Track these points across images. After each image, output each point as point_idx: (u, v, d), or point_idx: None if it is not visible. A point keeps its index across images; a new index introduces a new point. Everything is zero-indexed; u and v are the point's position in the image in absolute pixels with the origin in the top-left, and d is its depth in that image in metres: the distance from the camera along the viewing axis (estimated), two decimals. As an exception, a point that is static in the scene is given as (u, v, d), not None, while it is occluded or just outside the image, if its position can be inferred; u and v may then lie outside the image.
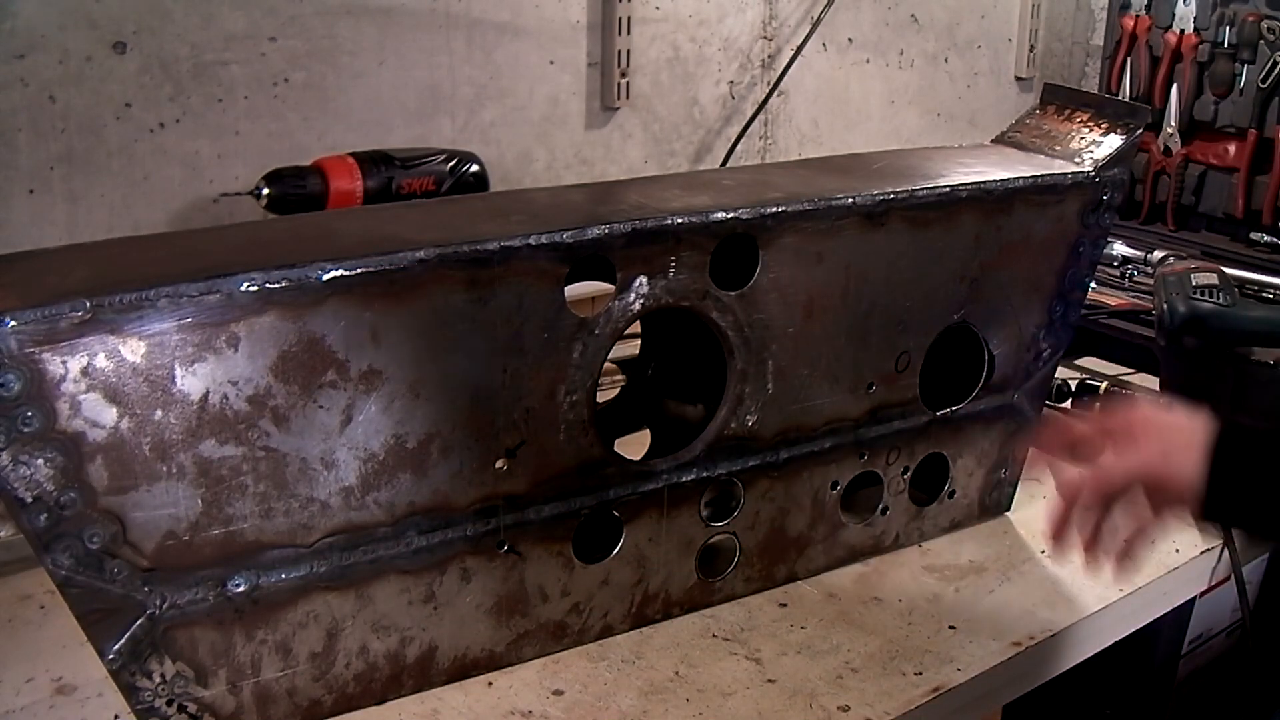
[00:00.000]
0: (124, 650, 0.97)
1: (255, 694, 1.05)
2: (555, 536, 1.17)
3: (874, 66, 2.43)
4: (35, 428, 0.88)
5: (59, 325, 0.87)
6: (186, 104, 1.61)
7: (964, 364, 1.40)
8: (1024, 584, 1.37)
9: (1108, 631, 1.36)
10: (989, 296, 1.36)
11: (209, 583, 1.00)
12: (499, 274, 1.04)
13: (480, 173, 1.73)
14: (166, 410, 0.93)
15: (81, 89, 1.53)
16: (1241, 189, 2.33)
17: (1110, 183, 1.39)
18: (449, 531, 1.10)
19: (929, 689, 1.18)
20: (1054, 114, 1.47)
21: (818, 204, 1.20)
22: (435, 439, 1.06)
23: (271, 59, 1.67)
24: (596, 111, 2.03)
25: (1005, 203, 1.32)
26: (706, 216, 1.13)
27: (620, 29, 1.99)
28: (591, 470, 1.16)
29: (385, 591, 1.09)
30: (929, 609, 1.31)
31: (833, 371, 1.28)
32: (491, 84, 1.89)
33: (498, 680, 1.17)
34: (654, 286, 1.13)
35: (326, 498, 1.02)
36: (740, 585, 1.32)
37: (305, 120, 1.71)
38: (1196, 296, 1.71)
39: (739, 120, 2.21)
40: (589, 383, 1.13)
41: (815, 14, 2.25)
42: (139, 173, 1.60)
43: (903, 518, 1.42)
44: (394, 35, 1.77)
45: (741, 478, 1.27)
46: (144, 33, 1.56)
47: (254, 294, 0.93)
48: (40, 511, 0.90)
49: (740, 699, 1.16)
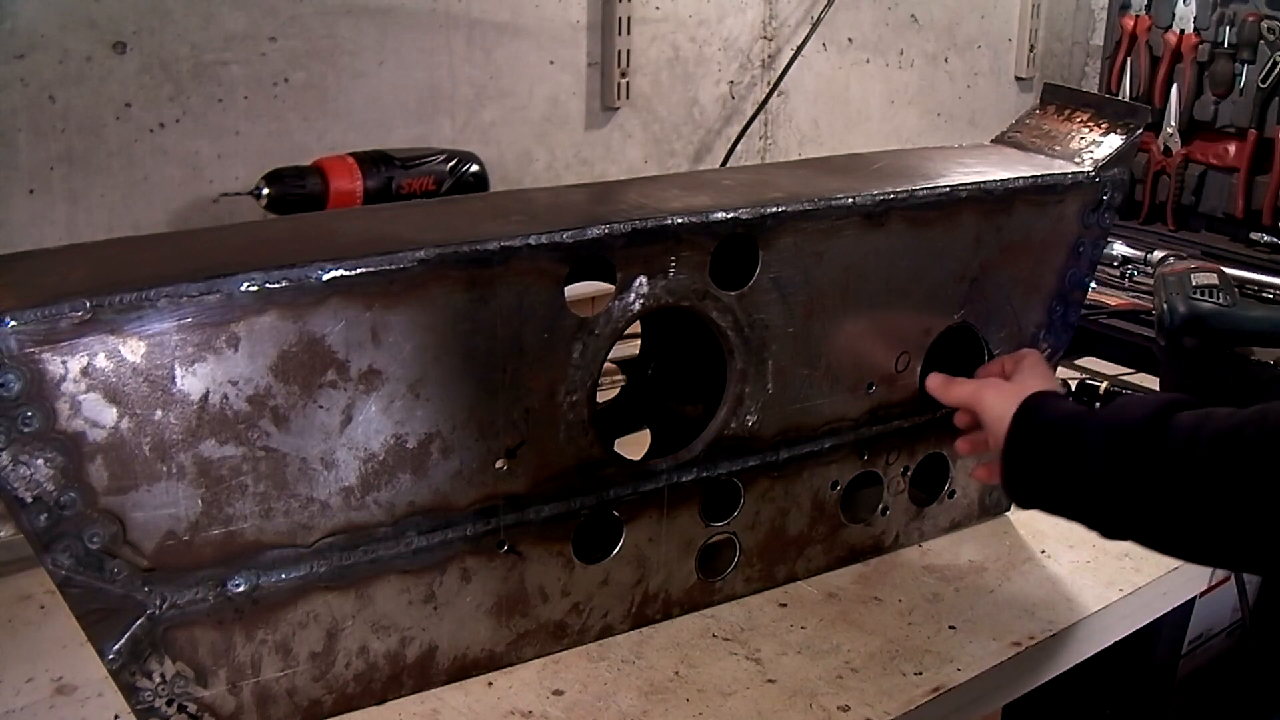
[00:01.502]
0: (124, 650, 0.97)
1: (255, 694, 1.05)
2: (555, 536, 1.17)
3: (874, 66, 2.43)
4: (35, 428, 0.88)
5: (59, 325, 0.87)
6: (186, 104, 1.61)
7: (964, 364, 1.40)
8: (1024, 584, 1.37)
9: (1108, 631, 1.36)
10: (989, 296, 1.36)
11: (209, 583, 1.00)
12: (499, 274, 1.04)
13: (480, 173, 1.73)
14: (166, 410, 0.93)
15: (81, 89, 1.53)
16: (1241, 189, 2.33)
17: (1110, 183, 1.39)
18: (449, 531, 1.10)
19: (929, 689, 1.18)
20: (1054, 114, 1.47)
21: (818, 204, 1.20)
22: (435, 439, 1.06)
23: (271, 59, 1.66)
24: (596, 111, 2.03)
25: (1005, 203, 1.32)
26: (706, 216, 1.13)
27: (620, 29, 1.99)
28: (591, 470, 1.16)
29: (385, 591, 1.09)
30: (929, 609, 1.31)
31: (833, 371, 1.28)
32: (491, 84, 1.89)
33: (498, 680, 1.17)
34: (654, 286, 1.13)
35: (326, 498, 1.02)
36: (740, 585, 1.32)
37: (305, 120, 1.71)
38: (1196, 296, 1.71)
39: (739, 120, 2.21)
40: (589, 383, 1.13)
41: (815, 14, 2.24)
42: (139, 173, 1.59)
43: (903, 518, 1.42)
44: (394, 35, 1.77)
45: (741, 478, 1.27)
46: (144, 33, 1.56)
47: (254, 294, 0.93)
48: (40, 511, 0.90)
49: (740, 699, 1.16)
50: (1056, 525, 1.48)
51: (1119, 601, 1.35)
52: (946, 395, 1.28)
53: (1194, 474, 0.98)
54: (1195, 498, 0.98)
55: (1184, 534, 1.01)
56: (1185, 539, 1.02)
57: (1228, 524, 0.97)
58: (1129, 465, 1.02)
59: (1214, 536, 0.99)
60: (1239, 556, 1.08)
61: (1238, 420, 0.97)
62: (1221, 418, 0.99)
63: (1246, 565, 1.30)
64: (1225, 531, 0.98)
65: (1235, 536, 0.98)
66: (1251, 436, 0.95)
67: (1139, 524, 1.04)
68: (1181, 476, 0.99)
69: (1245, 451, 0.95)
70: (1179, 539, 1.03)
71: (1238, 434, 0.96)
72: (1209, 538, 1.00)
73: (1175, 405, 1.03)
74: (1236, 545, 1.00)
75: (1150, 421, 1.01)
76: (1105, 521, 1.07)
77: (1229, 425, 0.97)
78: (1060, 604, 1.33)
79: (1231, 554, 1.05)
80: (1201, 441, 0.98)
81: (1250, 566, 1.35)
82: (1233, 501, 0.96)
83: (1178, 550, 1.07)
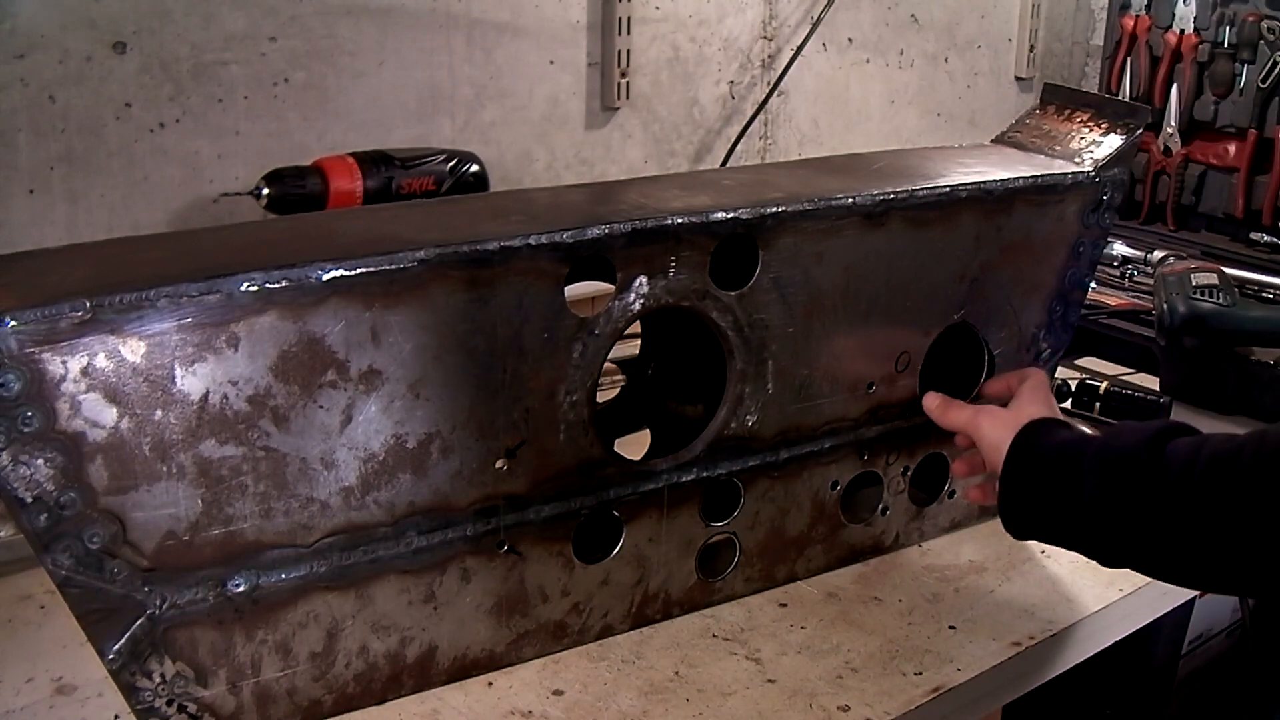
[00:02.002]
0: (124, 650, 0.97)
1: (255, 694, 1.05)
2: (555, 536, 1.17)
3: (874, 66, 2.43)
4: (35, 428, 0.88)
5: (59, 325, 0.87)
6: (186, 104, 1.61)
7: (964, 364, 1.40)
8: (1024, 584, 1.37)
9: (1108, 631, 1.36)
10: (989, 296, 1.36)
11: (209, 583, 1.00)
12: (499, 274, 1.04)
13: (480, 173, 1.73)
14: (166, 410, 0.93)
15: (81, 89, 1.53)
16: (1241, 189, 2.33)
17: (1110, 183, 1.39)
18: (449, 531, 1.10)
19: (929, 689, 1.18)
20: (1054, 114, 1.47)
21: (818, 204, 1.20)
22: (435, 439, 1.06)
23: (271, 59, 1.67)
24: (596, 111, 2.03)
25: (1005, 203, 1.32)
26: (706, 216, 1.13)
27: (620, 29, 1.99)
28: (591, 470, 1.16)
29: (385, 591, 1.09)
30: (929, 609, 1.31)
31: (833, 371, 1.28)
32: (491, 84, 1.89)
33: (498, 680, 1.17)
34: (654, 286, 1.13)
35: (326, 498, 1.02)
36: (740, 585, 1.32)
37: (305, 120, 1.71)
38: (1196, 296, 1.71)
39: (739, 120, 2.21)
40: (589, 383, 1.13)
41: (815, 14, 2.25)
42: (139, 173, 1.60)
43: (903, 518, 1.42)
44: (394, 35, 1.77)
45: (741, 478, 1.27)
46: (144, 33, 1.56)
47: (254, 294, 0.93)
48: (40, 511, 0.90)
49: (740, 699, 1.16)
50: (1056, 525, 1.49)
51: (1119, 601, 1.35)
52: (944, 419, 1.28)
53: (1192, 499, 0.97)
54: (1193, 523, 0.97)
55: (1182, 560, 1.01)
56: (1184, 565, 1.01)
57: (1227, 549, 0.96)
58: (1126, 492, 1.01)
59: (1213, 562, 0.99)
60: (1239, 581, 1.07)
61: (1235, 445, 0.96)
62: (1218, 443, 0.98)
63: (1247, 590, 1.29)
64: (1224, 557, 0.97)
65: (1234, 561, 0.97)
66: (1249, 460, 0.94)
67: (1137, 551, 1.03)
68: (1179, 502, 0.98)
69: (1243, 476, 0.94)
70: (1177, 565, 1.02)
71: (1235, 458, 0.95)
72: (1208, 563, 0.99)
73: (1171, 430, 1.02)
74: (1236, 570, 0.99)
75: (1146, 447, 1.00)
76: (1103, 550, 1.07)
77: (1226, 450, 0.96)
78: (1060, 604, 1.33)
79: (1231, 579, 1.05)
80: (1199, 467, 0.97)
81: (1250, 591, 1.34)
82: (1231, 526, 0.95)
83: (1177, 577, 1.06)
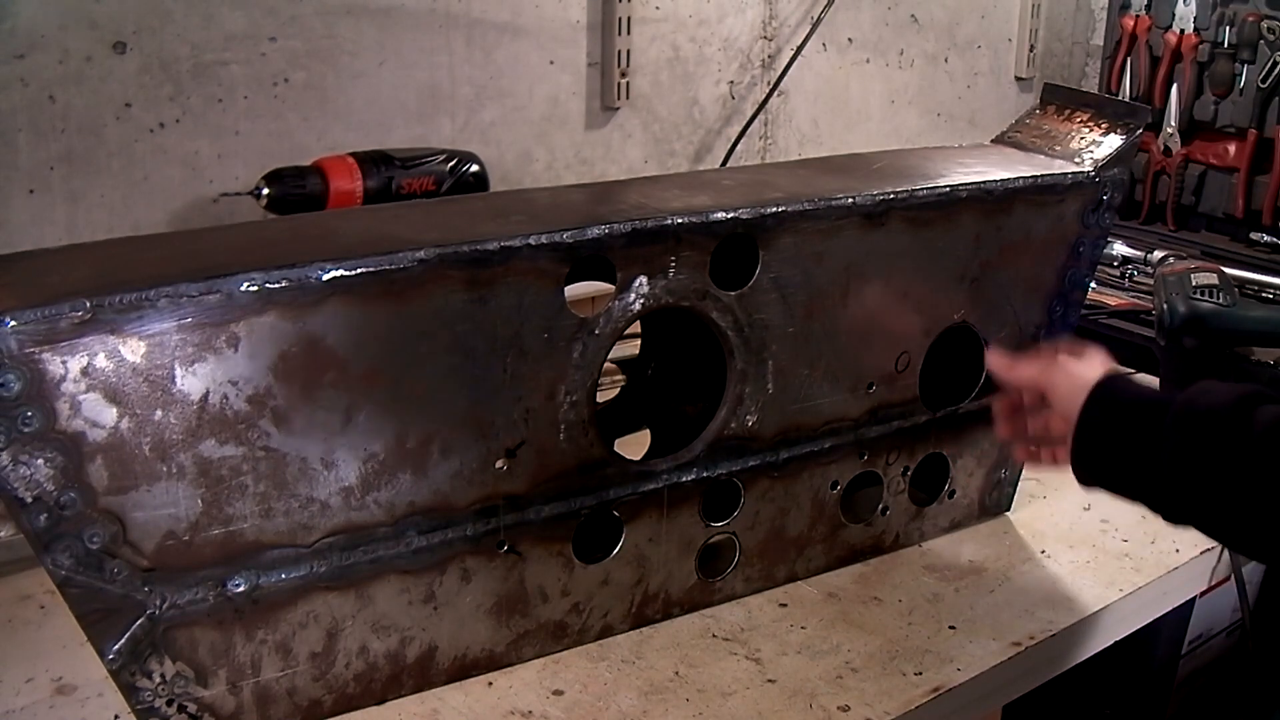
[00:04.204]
0: (124, 650, 0.97)
1: (255, 694, 1.05)
2: (555, 536, 1.17)
3: (874, 66, 2.43)
4: (35, 428, 0.88)
5: (59, 325, 0.87)
6: (186, 104, 1.61)
7: (964, 364, 1.40)
8: (1024, 584, 1.37)
9: (1108, 631, 1.36)
10: (989, 296, 1.36)
11: (209, 583, 1.00)
12: (499, 274, 1.04)
13: (480, 173, 1.73)
14: (166, 410, 0.93)
15: (81, 89, 1.53)
16: (1241, 189, 2.33)
17: (1110, 183, 1.39)
18: (449, 531, 1.10)
19: (929, 689, 1.18)
20: (1054, 114, 1.47)
21: (818, 204, 1.20)
22: (435, 439, 1.06)
23: (271, 59, 1.67)
24: (596, 111, 2.03)
25: (1005, 203, 1.32)
26: (706, 216, 1.13)
27: (620, 29, 1.99)
28: (591, 470, 1.16)
29: (385, 591, 1.09)
30: (929, 609, 1.31)
31: (833, 371, 1.28)
32: (491, 84, 1.89)
33: (498, 680, 1.17)
34: (654, 286, 1.13)
35: (326, 498, 1.02)
36: (740, 585, 1.32)
37: (305, 120, 1.71)
38: (1196, 296, 1.71)
39: (739, 120, 2.21)
40: (589, 383, 1.13)
41: (815, 14, 2.24)
42: (139, 173, 1.59)
43: (903, 518, 1.42)
44: (394, 35, 1.77)
45: (741, 478, 1.27)
46: (144, 33, 1.56)
47: (254, 294, 0.93)
48: (40, 511, 0.90)
49: (740, 699, 1.16)
50: (1056, 525, 1.49)
51: (1119, 601, 1.35)
52: (1012, 374, 1.25)
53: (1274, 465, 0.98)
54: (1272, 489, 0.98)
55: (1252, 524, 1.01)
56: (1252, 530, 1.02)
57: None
58: (1208, 450, 1.01)
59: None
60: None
61: None
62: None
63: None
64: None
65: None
66: None
67: (1207, 510, 1.04)
68: (1261, 466, 0.98)
69: None
70: (1246, 529, 1.02)
71: None
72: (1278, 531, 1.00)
73: (1259, 396, 1.03)
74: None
75: (1235, 409, 1.01)
76: (1172, 505, 1.07)
77: None
78: (1060, 604, 1.33)
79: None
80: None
81: None
82: None
83: (1240, 541, 1.06)
